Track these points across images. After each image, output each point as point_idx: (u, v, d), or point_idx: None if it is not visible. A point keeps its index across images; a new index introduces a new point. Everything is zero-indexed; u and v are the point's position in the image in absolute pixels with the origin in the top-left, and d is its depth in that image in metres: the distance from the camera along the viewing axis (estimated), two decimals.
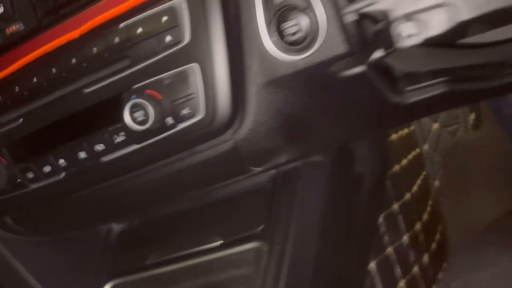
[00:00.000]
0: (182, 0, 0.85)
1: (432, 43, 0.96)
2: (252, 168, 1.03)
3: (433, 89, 0.98)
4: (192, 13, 0.85)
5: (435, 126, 1.88)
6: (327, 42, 0.81)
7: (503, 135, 1.86)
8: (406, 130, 1.85)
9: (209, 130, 0.90)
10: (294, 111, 0.94)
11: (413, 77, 0.99)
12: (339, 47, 0.81)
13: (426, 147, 1.95)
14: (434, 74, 0.98)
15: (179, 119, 0.89)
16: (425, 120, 1.83)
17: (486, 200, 1.77)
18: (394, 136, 1.71)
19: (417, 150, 1.88)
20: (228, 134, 0.93)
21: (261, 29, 0.86)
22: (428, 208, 1.66)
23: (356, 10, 0.60)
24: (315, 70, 0.83)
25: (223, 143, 0.95)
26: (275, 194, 1.17)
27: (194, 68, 0.87)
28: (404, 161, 1.64)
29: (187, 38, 0.86)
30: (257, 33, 0.86)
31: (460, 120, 1.86)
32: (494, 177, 1.86)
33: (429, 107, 1.07)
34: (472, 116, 1.83)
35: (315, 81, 0.85)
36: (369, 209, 1.34)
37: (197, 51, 0.86)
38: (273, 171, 1.19)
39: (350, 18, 0.62)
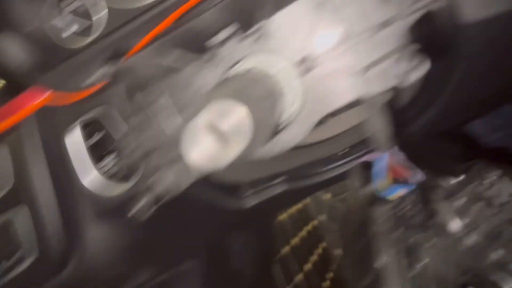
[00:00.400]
0: (5, 145, 0.85)
1: None
2: None
3: (272, 189, 1.04)
4: (15, 158, 0.86)
5: (327, 196, 1.95)
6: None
7: None
8: (300, 206, 1.91)
9: (46, 268, 0.89)
10: (132, 237, 0.94)
11: (254, 183, 1.04)
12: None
13: (322, 217, 2.01)
14: (274, 176, 1.04)
15: (13, 263, 0.88)
16: (318, 192, 1.90)
17: None
18: (284, 216, 1.76)
19: (314, 222, 1.94)
20: (69, 270, 0.92)
21: (86, 164, 0.87)
22: (328, 284, 1.68)
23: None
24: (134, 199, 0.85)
25: (69, 280, 0.93)
26: None
27: (22, 209, 0.86)
28: (296, 240, 1.68)
29: (11, 182, 0.86)
30: (81, 170, 0.87)
31: (347, 186, 1.93)
32: None
33: (270, 206, 1.12)
34: (358, 182, 1.90)
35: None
36: None
37: (23, 193, 0.86)
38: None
39: None
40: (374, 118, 0.64)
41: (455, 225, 0.66)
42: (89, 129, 0.86)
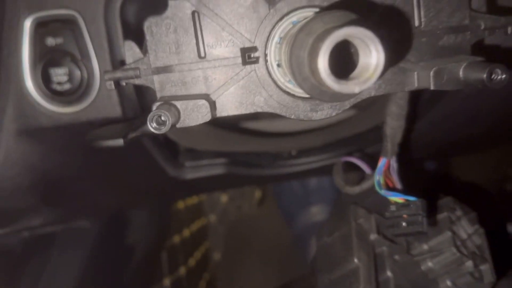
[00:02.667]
0: None
1: (215, 124, 0.97)
2: None
3: (212, 169, 0.97)
4: None
5: (224, 198, 1.92)
6: (99, 101, 0.72)
7: None
8: (195, 200, 1.84)
9: None
10: (51, 170, 0.79)
11: (195, 154, 0.96)
12: (112, 110, 0.72)
13: (213, 218, 1.97)
14: (215, 154, 0.97)
15: None
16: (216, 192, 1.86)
17: (257, 276, 1.82)
18: (181, 205, 1.67)
19: (203, 220, 1.88)
20: None
21: (25, 69, 0.71)
22: (203, 284, 1.63)
23: (116, 79, 0.53)
24: (80, 128, 0.72)
25: None
26: (22, 260, 0.97)
27: None
28: (187, 232, 1.60)
29: None
30: (19, 72, 0.71)
31: (247, 195, 1.92)
32: (270, 253, 1.94)
33: (209, 184, 1.05)
34: (258, 194, 1.91)
35: (79, 140, 0.73)
36: (136, 283, 1.22)
37: None
38: (26, 233, 0.99)
39: (110, 85, 0.54)
40: (396, 120, 0.62)
41: (418, 248, 0.67)
42: (45, 30, 0.71)
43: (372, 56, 0.36)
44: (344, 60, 0.40)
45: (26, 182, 0.79)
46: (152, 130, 0.45)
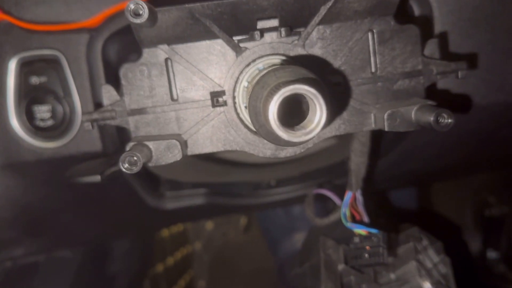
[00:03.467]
0: None
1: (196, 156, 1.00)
2: None
3: (193, 199, 0.99)
4: None
5: (209, 225, 1.94)
6: (81, 137, 0.75)
7: None
8: (180, 227, 1.85)
9: None
10: (34, 203, 0.82)
11: (176, 184, 0.99)
12: (93, 145, 0.75)
13: (198, 245, 1.98)
14: (195, 185, 1.00)
15: None
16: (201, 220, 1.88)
17: None
18: (165, 233, 1.69)
19: (188, 247, 1.89)
20: None
21: (9, 106, 0.75)
22: None
23: (94, 120, 0.57)
24: (62, 163, 0.75)
25: None
26: None
27: None
28: (171, 260, 1.61)
29: None
30: (4, 109, 0.74)
31: (232, 222, 1.94)
32: (256, 280, 1.95)
33: (190, 214, 1.08)
34: (244, 220, 1.93)
35: (61, 174, 0.76)
36: None
37: None
38: (8, 263, 1.01)
39: (88, 126, 0.58)
40: (359, 157, 0.66)
41: (385, 277, 0.70)
42: (29, 69, 0.75)
43: (316, 111, 0.40)
44: (303, 108, 0.44)
45: (8, 215, 0.82)
46: (124, 170, 0.48)
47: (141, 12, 0.45)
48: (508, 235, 1.46)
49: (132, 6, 0.45)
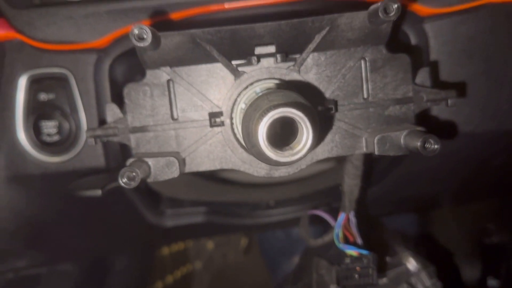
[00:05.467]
0: None
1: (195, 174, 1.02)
2: None
3: (193, 217, 1.01)
4: None
5: (210, 245, 1.94)
6: (85, 152, 0.77)
7: None
8: (181, 246, 1.86)
9: None
10: (37, 215, 0.84)
11: (176, 202, 1.01)
12: (96, 160, 0.78)
13: (198, 264, 1.98)
14: (195, 203, 1.02)
15: None
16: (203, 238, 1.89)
17: None
18: (166, 251, 1.70)
19: (188, 266, 1.89)
20: None
21: (18, 121, 0.78)
22: None
23: (97, 136, 0.59)
24: (66, 176, 0.77)
25: None
26: None
27: None
28: (170, 278, 1.62)
29: None
30: (12, 124, 0.77)
31: (233, 243, 1.95)
32: None
33: (189, 232, 1.10)
34: (244, 241, 1.94)
35: (64, 188, 0.79)
36: None
37: None
38: (10, 275, 1.02)
39: (91, 142, 0.60)
40: (352, 179, 0.68)
41: None
42: (38, 86, 0.78)
43: (304, 133, 0.42)
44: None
45: (12, 226, 0.84)
46: (123, 184, 0.51)
47: (145, 36, 0.48)
48: (508, 263, 1.46)
49: (136, 31, 0.48)
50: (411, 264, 0.75)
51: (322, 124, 0.57)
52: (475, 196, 1.15)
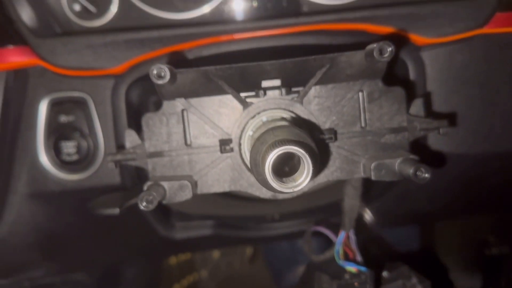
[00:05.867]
0: None
1: None
2: None
3: (201, 230, 1.06)
4: None
5: (216, 254, 1.99)
6: (102, 171, 0.83)
7: None
8: (188, 255, 1.91)
9: None
10: (56, 229, 0.90)
11: (185, 216, 1.06)
12: (113, 179, 0.83)
13: (204, 273, 2.03)
14: (203, 217, 1.07)
15: None
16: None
17: None
18: (173, 261, 1.75)
19: (195, 275, 1.94)
20: None
21: (40, 141, 0.83)
22: None
23: (117, 160, 0.65)
24: (84, 193, 0.83)
25: None
26: None
27: None
28: (177, 287, 1.67)
29: None
30: (34, 143, 0.83)
31: (238, 252, 2.00)
32: None
33: (197, 244, 1.15)
34: (250, 251, 1.98)
35: (82, 204, 0.84)
36: None
37: None
38: (27, 284, 1.08)
39: (111, 165, 0.65)
40: (352, 199, 0.73)
41: None
42: (59, 108, 0.83)
43: (305, 168, 0.47)
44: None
45: (31, 239, 0.89)
46: (142, 208, 0.56)
47: (163, 75, 0.54)
48: (508, 275, 1.49)
49: (155, 71, 0.53)
50: (407, 278, 0.79)
51: (323, 151, 0.63)
52: (472, 212, 1.20)
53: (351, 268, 0.71)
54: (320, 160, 0.63)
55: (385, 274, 0.78)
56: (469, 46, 0.81)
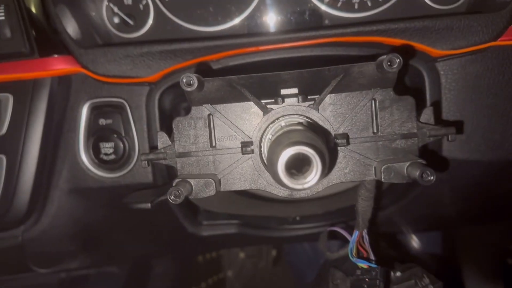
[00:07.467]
0: (8, 94, 0.87)
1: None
2: (35, 268, 1.01)
3: (226, 228, 1.13)
4: (15, 109, 0.88)
5: (241, 254, 2.05)
6: (136, 170, 0.90)
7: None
8: (214, 254, 1.98)
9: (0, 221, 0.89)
10: (92, 222, 0.98)
11: (211, 215, 1.13)
12: (145, 177, 0.91)
13: (230, 273, 2.09)
14: (229, 216, 1.14)
15: None
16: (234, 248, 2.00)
17: None
18: (200, 258, 1.82)
19: (221, 275, 2.01)
20: (18, 230, 0.93)
21: (80, 141, 0.91)
22: None
23: (150, 159, 0.71)
24: (119, 190, 0.90)
25: (11, 238, 0.93)
26: None
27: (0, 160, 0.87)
28: (203, 285, 1.73)
29: (3, 130, 0.87)
30: (75, 144, 0.91)
31: (263, 253, 2.05)
32: None
33: (222, 241, 1.21)
34: (274, 252, 2.04)
35: (117, 200, 0.92)
36: None
37: (9, 144, 0.87)
38: (63, 274, 1.17)
39: (144, 164, 0.72)
40: (365, 201, 0.78)
41: None
42: (98, 112, 0.91)
43: (314, 167, 0.53)
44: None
45: (70, 231, 0.98)
46: (171, 201, 0.62)
47: (191, 83, 0.60)
48: None
49: (184, 80, 0.60)
50: (420, 279, 0.83)
51: (337, 154, 0.68)
52: (487, 218, 1.22)
53: (363, 265, 0.76)
54: (334, 163, 0.68)
55: (398, 274, 0.82)
56: (483, 57, 0.84)
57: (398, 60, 0.59)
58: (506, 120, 0.86)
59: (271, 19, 0.95)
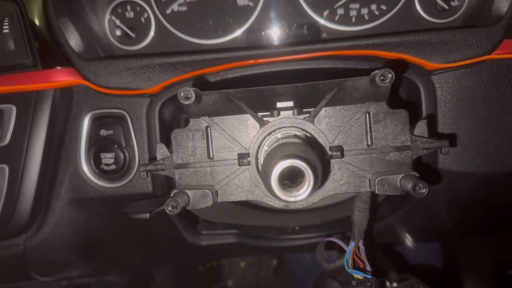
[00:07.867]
0: (12, 105, 0.89)
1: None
2: (37, 277, 1.02)
3: (225, 238, 1.14)
4: (18, 119, 0.89)
5: (242, 264, 2.05)
6: (136, 180, 0.92)
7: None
8: (214, 263, 1.98)
9: (2, 230, 0.90)
10: (93, 231, 0.99)
11: (211, 224, 1.14)
12: (145, 187, 0.92)
13: (230, 282, 2.09)
14: (228, 226, 1.15)
15: None
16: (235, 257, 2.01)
17: None
18: (201, 268, 1.83)
19: (221, 284, 2.01)
20: (20, 239, 0.94)
21: (81, 152, 0.93)
22: None
23: (148, 170, 0.73)
24: (119, 200, 0.92)
25: (13, 247, 0.95)
26: None
27: (2, 170, 0.89)
28: None
29: (6, 140, 0.89)
30: (77, 154, 0.93)
31: (264, 263, 2.05)
32: None
33: (221, 251, 1.22)
34: (274, 262, 2.04)
35: (117, 209, 0.93)
36: None
37: (11, 154, 0.89)
38: (64, 283, 1.17)
39: (143, 175, 0.74)
40: (361, 212, 0.79)
41: None
42: (99, 123, 0.93)
43: (306, 180, 0.54)
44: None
45: (71, 240, 0.99)
46: (168, 212, 0.64)
47: (189, 96, 0.62)
48: None
49: (182, 93, 0.61)
50: None
51: (332, 166, 0.69)
52: (484, 230, 1.22)
53: (358, 275, 0.76)
54: (329, 175, 0.70)
55: (394, 285, 0.82)
56: (477, 70, 0.86)
57: (391, 75, 0.61)
58: (501, 133, 0.87)
59: (270, 33, 0.97)
